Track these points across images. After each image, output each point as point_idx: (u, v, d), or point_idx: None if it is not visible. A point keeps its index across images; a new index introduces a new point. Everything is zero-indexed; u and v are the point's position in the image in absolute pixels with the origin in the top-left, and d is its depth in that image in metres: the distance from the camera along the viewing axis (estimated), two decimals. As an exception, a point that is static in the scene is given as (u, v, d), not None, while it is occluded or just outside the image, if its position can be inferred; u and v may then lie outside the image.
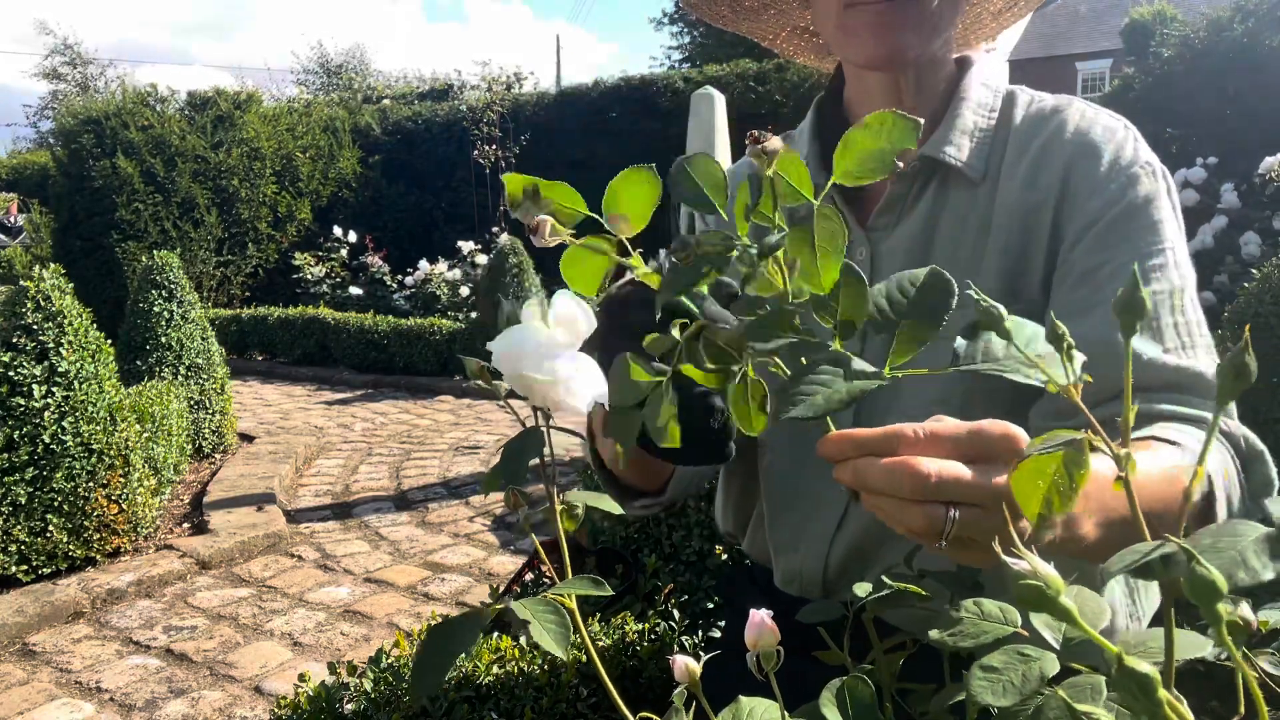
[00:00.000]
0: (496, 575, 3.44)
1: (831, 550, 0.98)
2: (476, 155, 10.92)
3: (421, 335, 7.69)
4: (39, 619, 3.01)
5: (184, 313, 5.11)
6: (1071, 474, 0.39)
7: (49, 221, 11.21)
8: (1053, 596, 0.31)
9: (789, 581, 1.03)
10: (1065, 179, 0.87)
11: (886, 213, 0.93)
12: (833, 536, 0.98)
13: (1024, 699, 0.35)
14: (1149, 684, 0.28)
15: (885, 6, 0.85)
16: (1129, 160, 0.86)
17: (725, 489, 1.17)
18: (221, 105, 10.98)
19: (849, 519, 0.97)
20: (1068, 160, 0.87)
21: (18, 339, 3.25)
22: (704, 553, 1.68)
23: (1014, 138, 0.90)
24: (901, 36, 0.86)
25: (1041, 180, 0.87)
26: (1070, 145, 0.88)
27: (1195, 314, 0.83)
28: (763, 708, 0.49)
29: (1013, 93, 0.95)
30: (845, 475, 0.52)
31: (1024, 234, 0.87)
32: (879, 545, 0.95)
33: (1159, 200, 0.85)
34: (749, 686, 0.52)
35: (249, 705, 2.54)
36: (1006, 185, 0.89)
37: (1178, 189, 0.89)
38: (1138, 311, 0.40)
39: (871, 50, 0.88)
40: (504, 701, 1.19)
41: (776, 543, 1.06)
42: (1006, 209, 0.89)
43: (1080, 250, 0.84)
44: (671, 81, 11.49)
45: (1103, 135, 0.88)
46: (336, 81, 29.61)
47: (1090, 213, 0.84)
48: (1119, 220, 0.83)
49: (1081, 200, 0.85)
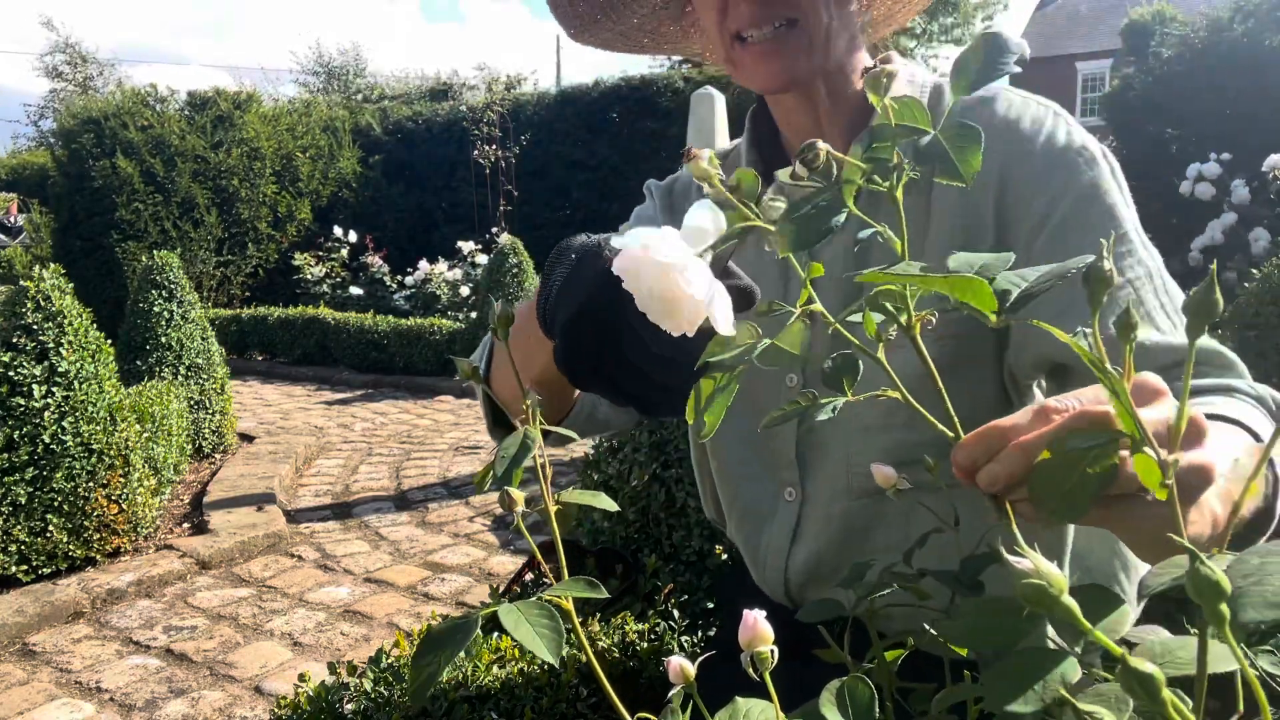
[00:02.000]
0: (496, 575, 3.44)
1: (790, 564, 0.97)
2: (477, 155, 10.92)
3: (421, 335, 7.69)
4: (39, 619, 3.01)
5: (184, 313, 5.11)
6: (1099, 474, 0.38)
7: (49, 221, 11.21)
8: (1055, 595, 0.31)
9: (761, 586, 1.02)
10: (1002, 176, 0.84)
11: None
12: (789, 550, 0.96)
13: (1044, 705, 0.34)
14: (1152, 684, 0.28)
15: (769, 39, 0.84)
16: (1062, 147, 0.83)
17: (701, 480, 1.16)
18: (221, 105, 10.98)
19: (804, 530, 0.95)
20: (1001, 155, 0.84)
21: (18, 339, 3.25)
22: (704, 553, 1.68)
23: None
24: (791, 63, 0.85)
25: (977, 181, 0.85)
26: (1001, 139, 0.84)
27: (1177, 292, 0.82)
28: (759, 708, 0.48)
29: (939, 85, 0.92)
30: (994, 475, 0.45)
31: (964, 233, 0.84)
32: (840, 554, 0.93)
33: (1104, 183, 0.82)
34: (744, 687, 0.52)
35: (249, 705, 2.53)
36: (941, 189, 0.86)
37: (1191, 182, 0.88)
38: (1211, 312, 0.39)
39: (762, 80, 0.87)
40: (504, 702, 1.19)
41: (740, 549, 1.05)
42: (944, 210, 0.86)
43: (1038, 251, 0.81)
44: (671, 81, 11.50)
45: (1031, 127, 0.85)
46: (335, 84, 29.61)
47: (1038, 211, 0.82)
48: (1072, 214, 0.81)
49: (1026, 199, 0.82)
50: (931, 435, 0.84)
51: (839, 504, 0.92)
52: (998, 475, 0.45)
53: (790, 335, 0.45)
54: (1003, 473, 0.45)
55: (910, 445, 0.86)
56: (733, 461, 1.02)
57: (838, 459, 0.91)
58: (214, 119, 10.90)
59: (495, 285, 7.44)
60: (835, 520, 0.92)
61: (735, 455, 1.01)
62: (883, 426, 0.87)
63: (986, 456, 0.46)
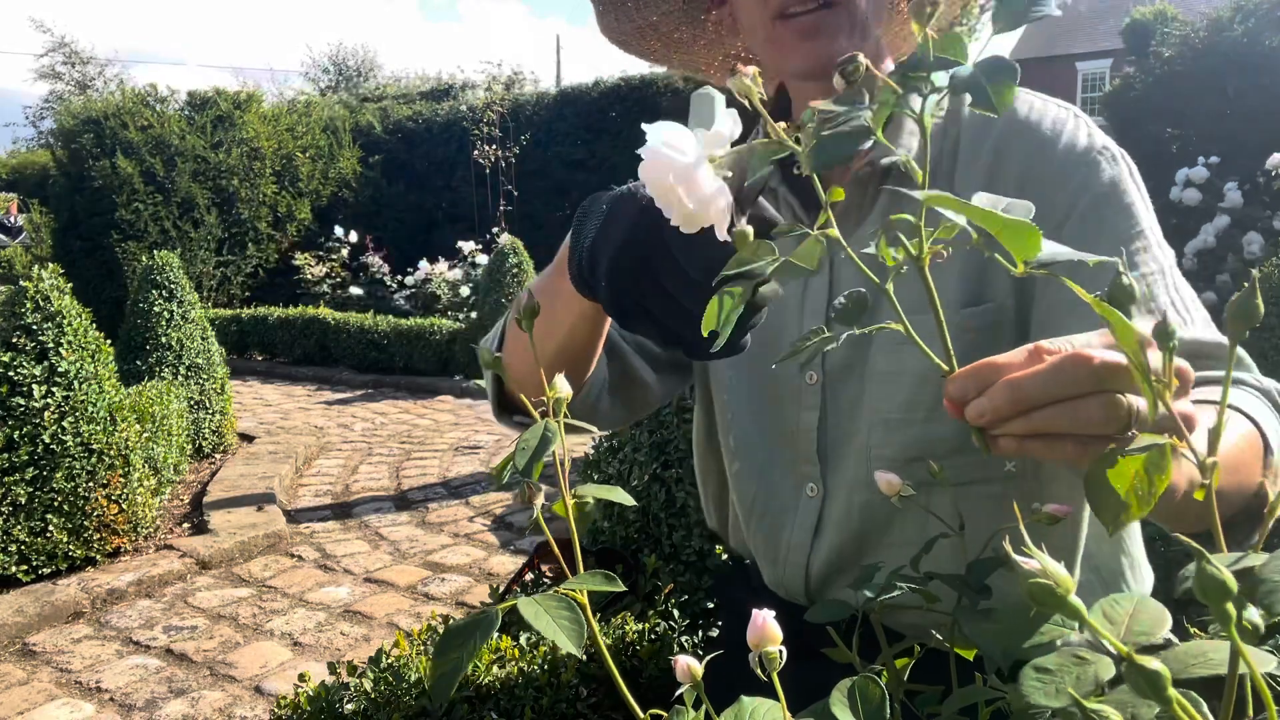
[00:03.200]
0: (496, 575, 3.44)
1: (811, 560, 0.96)
2: (477, 155, 10.92)
3: (421, 335, 7.68)
4: (39, 619, 3.01)
5: (184, 313, 5.11)
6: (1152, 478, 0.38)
7: (49, 221, 11.20)
8: (1063, 595, 0.30)
9: (776, 586, 1.02)
10: (1023, 174, 0.85)
11: (844, 220, 0.91)
12: (810, 545, 0.96)
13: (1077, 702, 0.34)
14: (1160, 682, 0.28)
15: (814, 15, 0.84)
16: (1085, 148, 0.85)
17: (704, 483, 1.16)
18: (221, 105, 10.98)
19: (825, 526, 0.95)
20: (1023, 154, 0.85)
21: (17, 339, 3.24)
22: (704, 553, 1.68)
23: (965, 134, 0.89)
24: (830, 42, 0.85)
25: (999, 179, 0.86)
26: (1023, 140, 0.86)
27: (1187, 290, 0.83)
28: (765, 708, 0.48)
29: None
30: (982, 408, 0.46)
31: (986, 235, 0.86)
32: (860, 551, 0.93)
33: (1124, 183, 0.84)
34: (747, 688, 0.52)
35: (249, 705, 2.53)
36: (964, 185, 0.87)
37: (1180, 188, 0.89)
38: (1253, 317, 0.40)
39: (801, 58, 0.87)
40: (504, 701, 1.19)
41: (755, 549, 1.05)
42: None
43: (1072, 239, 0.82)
44: (671, 81, 11.49)
45: (1053, 127, 0.86)
46: (345, 84, 29.67)
47: (1060, 207, 0.83)
48: (1090, 211, 0.82)
49: (1047, 196, 0.83)
50: (951, 430, 0.85)
51: (859, 498, 0.92)
52: (984, 409, 0.46)
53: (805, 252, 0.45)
54: (989, 406, 0.46)
55: (930, 440, 0.87)
56: (754, 460, 1.02)
57: (858, 453, 0.92)
58: (214, 119, 10.90)
59: (495, 285, 7.44)
60: (855, 514, 0.93)
61: (757, 454, 1.01)
62: (903, 421, 0.88)
63: (977, 390, 0.47)
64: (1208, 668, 0.34)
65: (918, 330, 0.44)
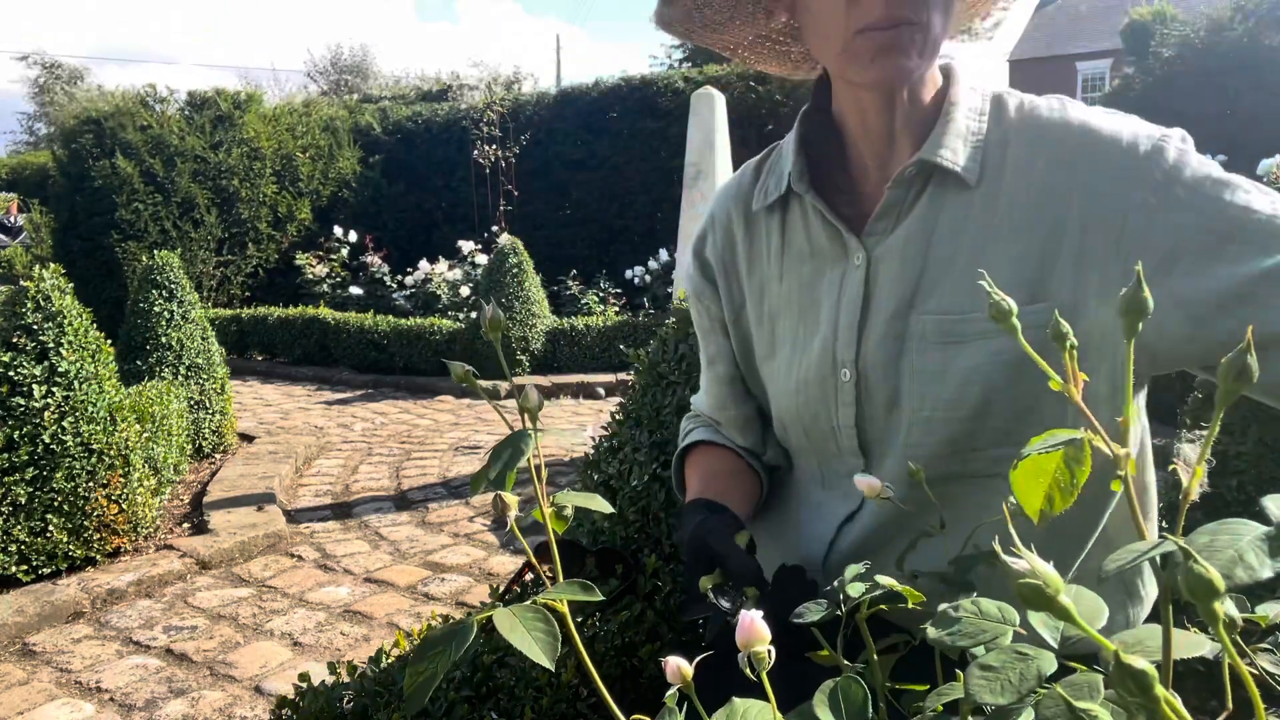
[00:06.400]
0: (497, 575, 3.44)
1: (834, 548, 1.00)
2: (477, 155, 10.92)
3: (421, 335, 7.68)
4: (39, 619, 3.01)
5: (184, 313, 5.11)
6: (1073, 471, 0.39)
7: (49, 221, 11.20)
8: (1051, 595, 0.31)
9: None
10: (1089, 180, 0.85)
11: (883, 218, 0.93)
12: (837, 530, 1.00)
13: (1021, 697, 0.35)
14: (1146, 680, 0.28)
15: (894, 31, 0.85)
16: (1146, 136, 0.85)
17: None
18: (221, 105, 10.98)
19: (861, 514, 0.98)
20: (1088, 159, 0.86)
21: (18, 339, 3.25)
22: (703, 552, 1.68)
23: (1012, 140, 0.90)
24: (904, 60, 0.86)
25: (1058, 183, 0.86)
26: (1084, 144, 0.86)
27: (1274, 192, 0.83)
28: (756, 709, 0.49)
29: (999, 95, 0.94)
30: None
31: (1045, 239, 0.86)
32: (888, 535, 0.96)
33: (1191, 156, 0.84)
34: (738, 688, 0.52)
35: (249, 705, 2.54)
36: (1014, 190, 0.88)
37: None
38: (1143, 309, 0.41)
39: (876, 72, 0.88)
40: (504, 701, 1.19)
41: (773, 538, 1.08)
42: (1019, 215, 0.87)
43: (1158, 232, 0.81)
44: (671, 81, 11.48)
45: (1110, 126, 0.87)
46: (345, 84, 29.67)
47: (1137, 201, 0.83)
48: (1171, 190, 0.82)
49: (1123, 192, 0.83)
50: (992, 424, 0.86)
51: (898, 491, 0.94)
52: None
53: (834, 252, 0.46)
54: None
55: (971, 434, 0.89)
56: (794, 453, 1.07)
57: (898, 448, 0.94)
58: (213, 119, 10.89)
59: (495, 285, 7.44)
60: (890, 509, 0.95)
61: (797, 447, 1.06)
62: (945, 419, 0.90)
63: None
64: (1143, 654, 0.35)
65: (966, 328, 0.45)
